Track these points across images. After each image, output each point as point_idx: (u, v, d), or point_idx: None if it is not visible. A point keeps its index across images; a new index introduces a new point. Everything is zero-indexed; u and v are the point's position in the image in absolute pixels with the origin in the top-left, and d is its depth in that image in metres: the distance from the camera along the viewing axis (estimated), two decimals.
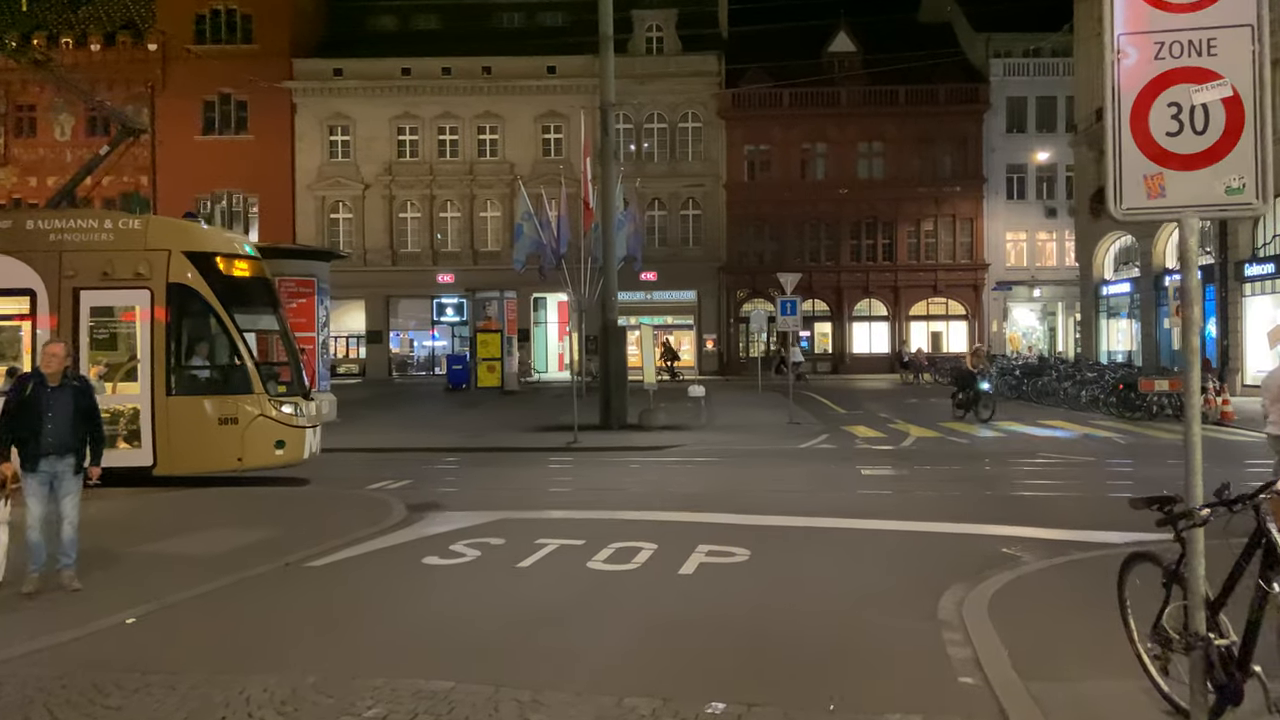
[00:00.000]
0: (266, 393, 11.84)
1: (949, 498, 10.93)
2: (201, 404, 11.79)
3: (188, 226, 12.73)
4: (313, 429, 12.48)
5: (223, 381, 12.02)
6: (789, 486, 11.94)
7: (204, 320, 11.93)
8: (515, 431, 19.21)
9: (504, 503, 10.65)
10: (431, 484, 12.28)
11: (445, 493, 11.48)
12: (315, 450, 12.57)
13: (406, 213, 44.80)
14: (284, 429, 11.92)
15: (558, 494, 11.47)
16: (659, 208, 44.74)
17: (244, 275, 12.41)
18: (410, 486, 12.02)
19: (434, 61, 44.23)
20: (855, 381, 38.89)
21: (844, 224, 44.59)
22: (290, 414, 12.02)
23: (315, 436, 12.59)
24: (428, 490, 11.68)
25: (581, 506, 10.20)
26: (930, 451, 15.84)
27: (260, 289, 12.73)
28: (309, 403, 12.53)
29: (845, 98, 44.31)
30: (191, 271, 11.72)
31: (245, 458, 11.73)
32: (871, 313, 45.44)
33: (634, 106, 44.22)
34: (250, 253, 12.72)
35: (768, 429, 19.76)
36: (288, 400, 12.12)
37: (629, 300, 44.66)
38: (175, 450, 11.56)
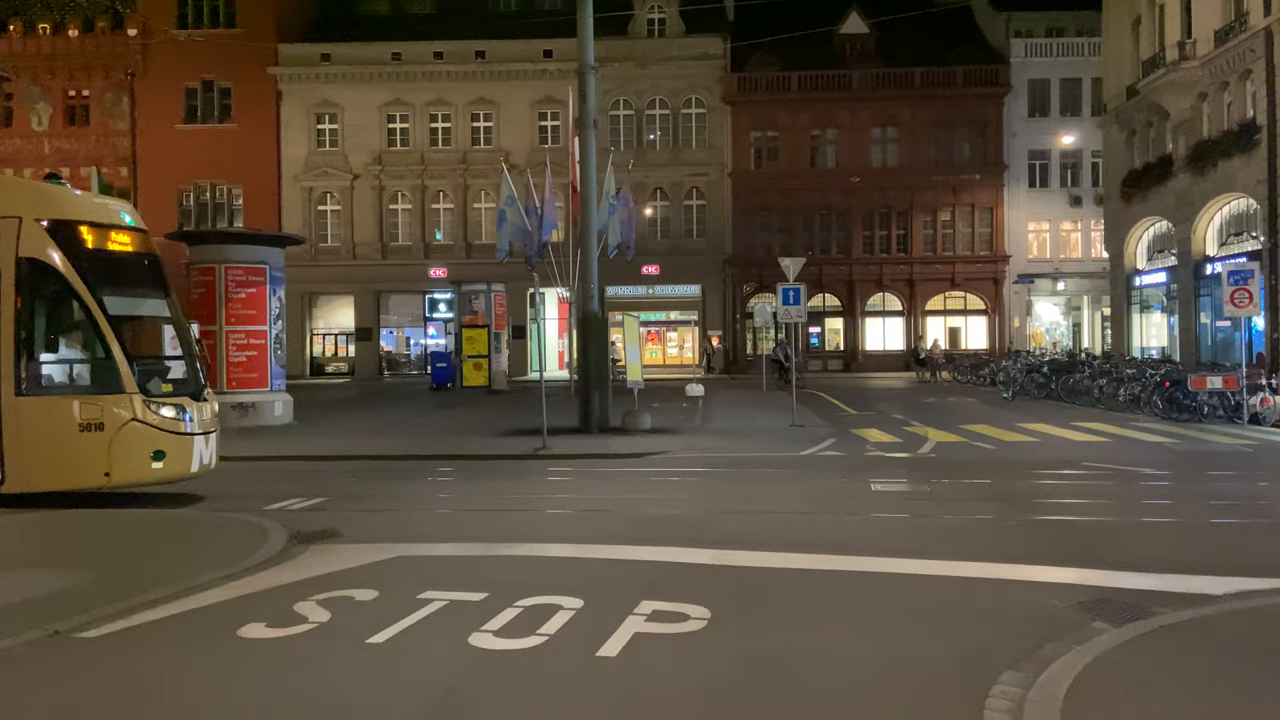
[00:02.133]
0: (143, 392, 9.73)
1: (980, 524, 8.73)
2: (59, 406, 9.64)
3: (44, 189, 10.49)
4: (204, 436, 10.36)
5: (86, 379, 9.90)
6: (781, 506, 9.75)
7: (64, 304, 9.81)
8: (482, 436, 17.09)
9: (417, 530, 8.54)
10: (347, 503, 10.17)
11: (354, 516, 9.36)
12: (208, 462, 10.43)
13: (397, 204, 42.77)
14: (163, 437, 9.82)
15: (490, 515, 9.34)
16: (661, 198, 42.57)
17: (120, 250, 10.25)
18: (317, 507, 9.91)
19: (425, 46, 42.21)
20: (868, 380, 36.60)
21: (856, 214, 42.28)
22: (172, 418, 9.92)
23: (209, 446, 10.47)
24: (335, 512, 9.57)
25: (510, 536, 8.06)
26: (953, 460, 13.62)
27: (142, 268, 10.58)
28: (200, 405, 10.42)
29: (857, 81, 42.02)
30: (49, 244, 9.58)
31: (114, 472, 9.61)
32: (885, 307, 43.10)
33: (634, 92, 42.11)
34: (130, 223, 10.48)
35: (767, 433, 17.58)
36: (170, 402, 10.01)
37: (629, 295, 42.61)
38: (27, 463, 9.48)
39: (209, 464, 10.48)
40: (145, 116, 42.41)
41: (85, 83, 42.60)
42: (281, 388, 20.17)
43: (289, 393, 20.77)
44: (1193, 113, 28.45)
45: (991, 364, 31.36)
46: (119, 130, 42.56)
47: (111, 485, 9.72)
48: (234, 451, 14.90)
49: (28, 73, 42.15)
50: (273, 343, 19.79)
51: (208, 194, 43.06)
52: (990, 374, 30.44)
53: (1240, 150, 25.90)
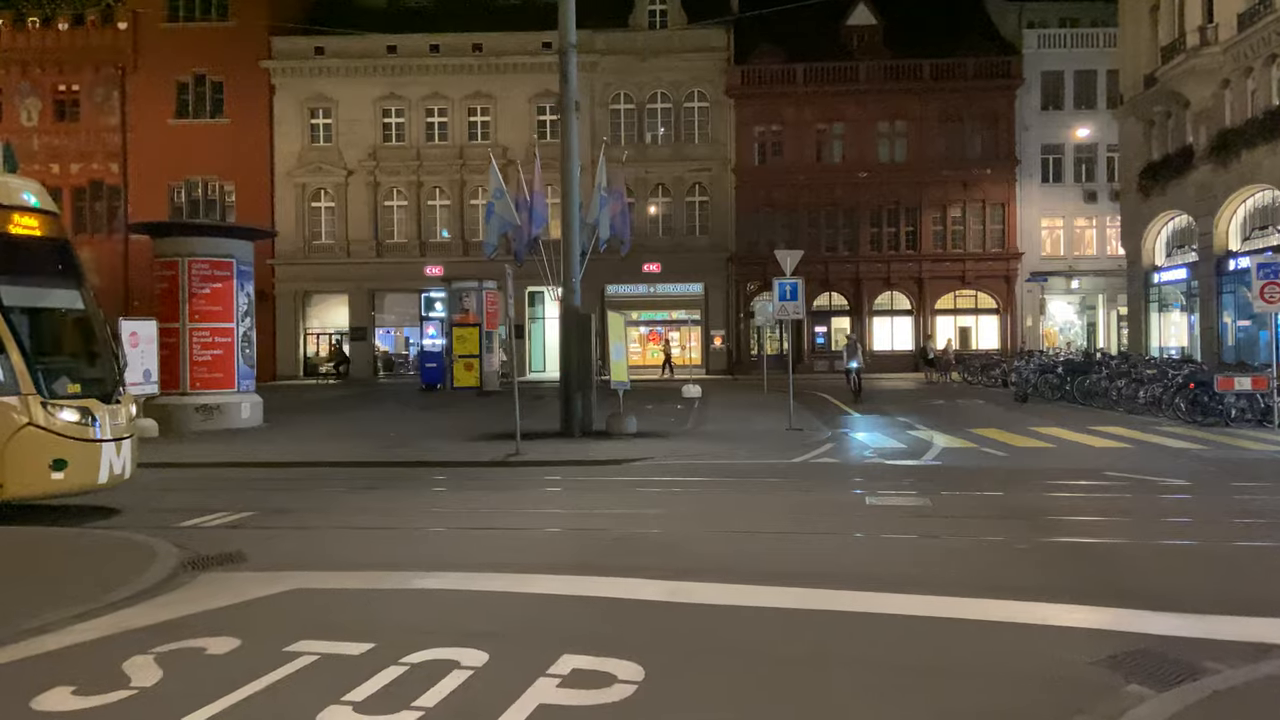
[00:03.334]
0: (40, 393, 8.64)
1: (989, 547, 7.56)
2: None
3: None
4: (116, 443, 9.21)
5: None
6: (761, 524, 8.59)
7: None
8: (456, 441, 15.97)
9: (336, 553, 7.43)
10: (272, 519, 9.05)
11: (273, 534, 8.25)
12: (121, 472, 9.27)
13: (392, 200, 41.73)
14: (65, 444, 8.69)
15: (427, 535, 8.21)
16: (663, 194, 41.41)
17: (22, 235, 9.15)
18: (236, 524, 8.80)
19: (421, 38, 41.20)
20: (875, 381, 35.33)
21: (863, 211, 41.03)
22: (75, 423, 8.81)
23: (124, 453, 9.33)
24: (253, 530, 8.46)
25: (438, 562, 6.91)
26: (961, 468, 12.43)
27: (48, 255, 9.51)
28: (111, 408, 9.27)
29: (865, 74, 40.78)
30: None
31: (7, 483, 8.49)
32: (893, 306, 41.83)
33: (635, 85, 40.97)
34: (34, 204, 9.36)
35: (761, 437, 16.41)
36: (74, 405, 8.89)
37: (630, 293, 41.50)
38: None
39: (122, 474, 9.31)
40: (136, 111, 41.50)
41: (75, 77, 41.71)
42: (249, 389, 19.11)
43: (280, 394, 19.74)
44: (1214, 101, 27.15)
45: (1003, 364, 30.11)
46: (109, 126, 41.66)
47: (5, 498, 8.56)
48: (180, 457, 13.87)
49: (16, 67, 41.29)
50: (240, 341, 18.74)
51: (200, 190, 42.12)
52: (1002, 375, 29.20)
53: (1266, 139, 24.59)
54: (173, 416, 17.80)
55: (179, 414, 17.94)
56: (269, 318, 41.80)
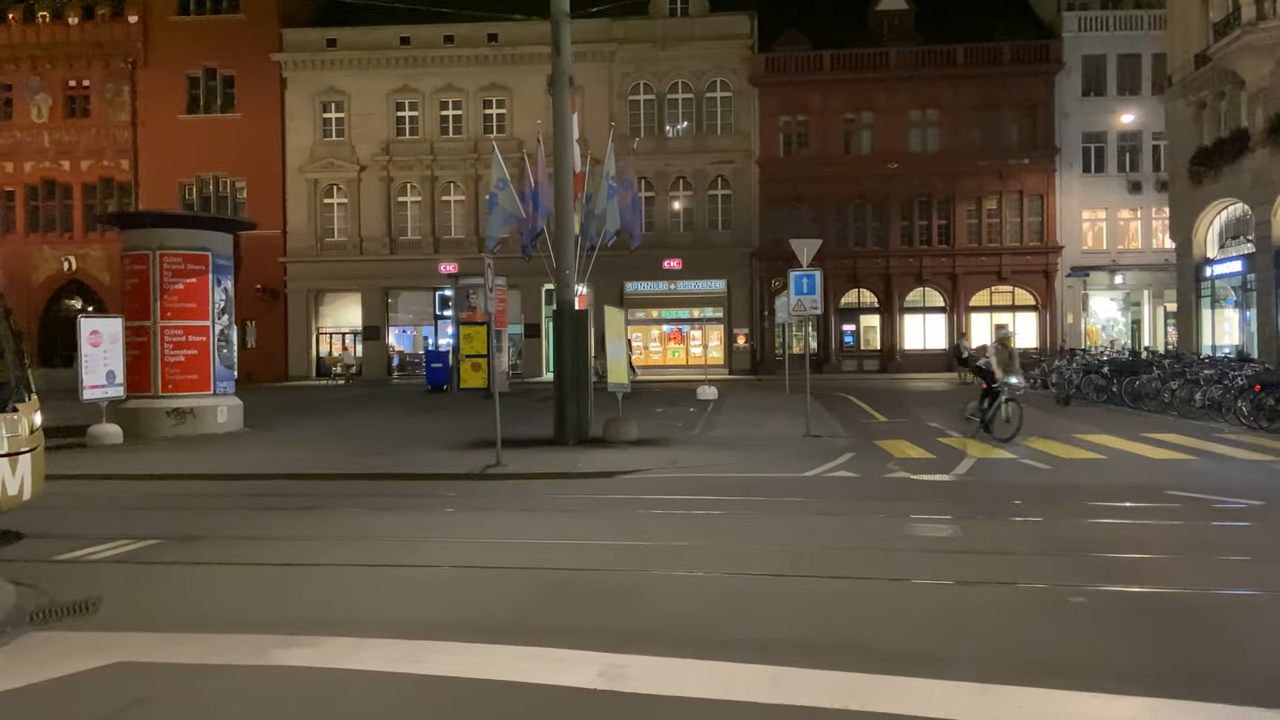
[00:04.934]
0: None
1: (1029, 599, 5.99)
2: None
3: None
4: (10, 459, 7.94)
5: None
6: (751, 562, 7.06)
7: None
8: (438, 449, 14.58)
9: (206, 603, 6.05)
10: (170, 550, 7.67)
11: (153, 574, 6.87)
12: (17, 492, 7.98)
13: (406, 196, 40.57)
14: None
15: (331, 576, 6.78)
16: (684, 187, 39.88)
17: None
18: (126, 556, 7.43)
19: (435, 29, 39.95)
20: (905, 382, 33.60)
21: (893, 203, 39.24)
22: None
23: (18, 470, 8.02)
24: (141, 565, 7.09)
25: (313, 620, 5.46)
26: (995, 485, 10.82)
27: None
28: (4, 417, 7.98)
29: (895, 60, 38.99)
30: None
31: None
32: (925, 303, 39.99)
33: (655, 75, 39.47)
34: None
35: (774, 445, 14.87)
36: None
37: (650, 291, 40.01)
38: None
39: (19, 494, 8.01)
40: (146, 106, 40.70)
41: (85, 72, 40.99)
42: (227, 391, 17.85)
43: (284, 395, 18.48)
44: (1272, 79, 25.16)
45: (1043, 364, 28.25)
46: (120, 121, 40.88)
47: None
48: (124, 468, 12.60)
49: (27, 62, 40.64)
50: (216, 340, 17.48)
51: (211, 187, 41.23)
52: (1041, 375, 27.35)
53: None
54: (142, 421, 16.59)
55: (149, 418, 16.73)
56: (281, 317, 40.90)
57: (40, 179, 40.72)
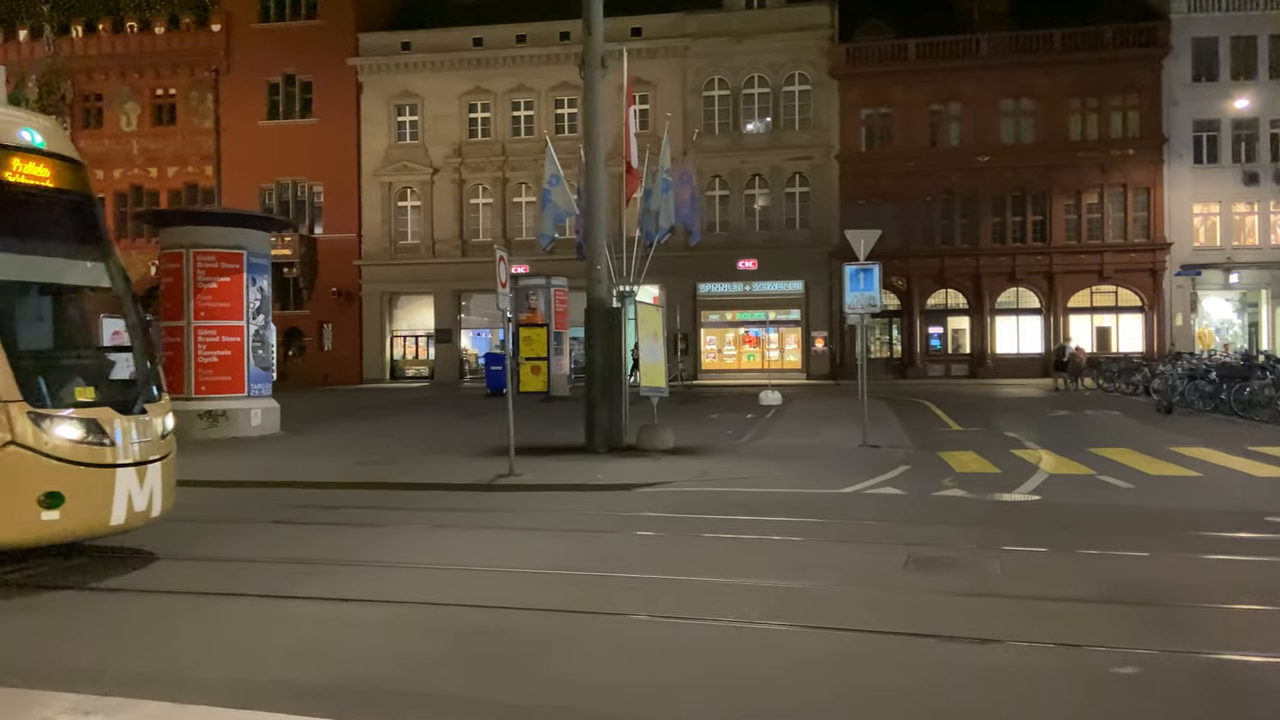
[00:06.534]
0: (30, 399, 6.32)
1: (1076, 668, 4.65)
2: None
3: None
4: (138, 468, 6.75)
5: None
6: (725, 604, 5.80)
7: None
8: (457, 456, 13.70)
9: (59, 646, 5.18)
10: (109, 573, 6.89)
11: (61, 605, 6.05)
12: (145, 508, 6.79)
13: (478, 198, 40.23)
14: (61, 470, 6.32)
15: (233, 612, 5.86)
16: (759, 185, 38.49)
17: (21, 185, 6.83)
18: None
19: (508, 29, 39.60)
20: (995, 388, 31.53)
21: (984, 199, 37.06)
22: (77, 440, 6.44)
23: (147, 482, 6.82)
24: (66, 593, 6.29)
25: (152, 678, 4.53)
26: (1063, 506, 9.33)
27: (57, 213, 7.19)
28: (135, 420, 6.84)
29: (986, 46, 36.87)
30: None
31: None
32: (1019, 305, 37.67)
33: (730, 69, 38.21)
34: (38, 144, 6.98)
35: (825, 455, 13.54)
36: (77, 416, 6.52)
37: (724, 293, 38.72)
38: None
39: (148, 510, 6.82)
40: (229, 113, 41.39)
41: (171, 81, 41.91)
42: (263, 393, 17.37)
43: (349, 397, 18.02)
44: None
45: (1145, 369, 25.99)
46: (203, 128, 41.65)
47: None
48: None
49: (116, 72, 41.77)
50: (251, 341, 17.01)
51: (289, 191, 41.68)
52: (1144, 381, 25.14)
53: None
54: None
55: (180, 421, 16.21)
56: (356, 320, 41.04)
57: (129, 186, 41.77)
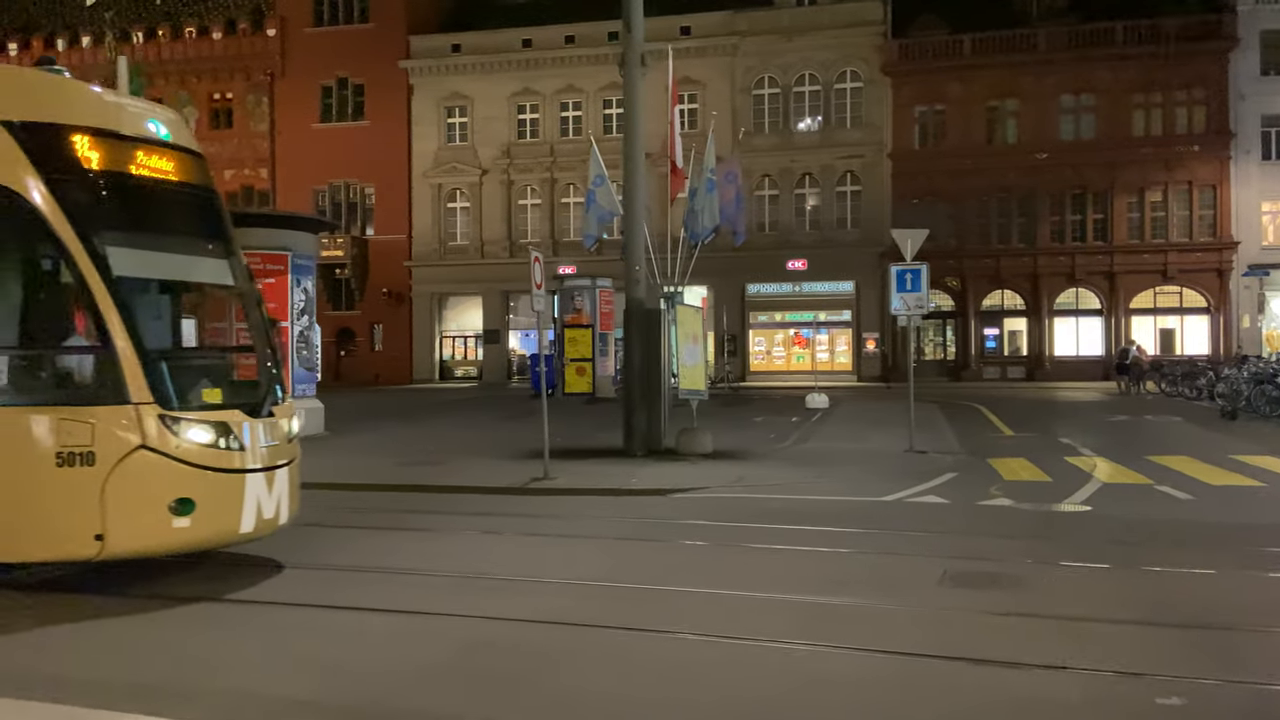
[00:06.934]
0: (160, 402, 6.04)
1: (1110, 697, 4.31)
2: (24, 423, 5.96)
3: (22, 76, 6.96)
4: (267, 474, 6.45)
5: (70, 380, 6.29)
6: (733, 623, 5.52)
7: (41, 259, 6.27)
8: (493, 459, 13.57)
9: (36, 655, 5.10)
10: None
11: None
12: (274, 515, 6.52)
13: (526, 199, 40.29)
14: (191, 475, 6.06)
15: (240, 618, 5.74)
16: (809, 184, 37.96)
17: (146, 178, 6.57)
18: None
19: (556, 30, 39.57)
20: (1053, 391, 30.66)
21: (1042, 197, 36.11)
22: (206, 444, 6.16)
23: (276, 488, 6.52)
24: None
25: (153, 688, 4.42)
26: (1114, 518, 8.88)
27: (183, 208, 6.96)
28: (263, 422, 6.57)
29: (1044, 41, 35.92)
30: (20, 161, 6.06)
31: (111, 533, 5.85)
32: (1079, 306, 36.64)
33: (780, 67, 37.74)
34: (164, 137, 6.74)
35: (868, 461, 13.18)
36: (206, 419, 6.26)
37: (773, 293, 38.27)
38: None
39: (275, 517, 6.53)
40: (283, 116, 42.02)
41: (228, 85, 42.69)
42: (307, 393, 17.45)
43: (397, 397, 18.08)
44: None
45: (1210, 372, 25.01)
46: (259, 132, 42.34)
47: (106, 555, 5.94)
48: None
49: (175, 77, 42.61)
50: (295, 341, 17.11)
51: (342, 193, 42.17)
52: (1208, 385, 24.19)
53: None
54: None
55: None
56: (406, 320, 41.38)
57: None
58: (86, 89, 7.00)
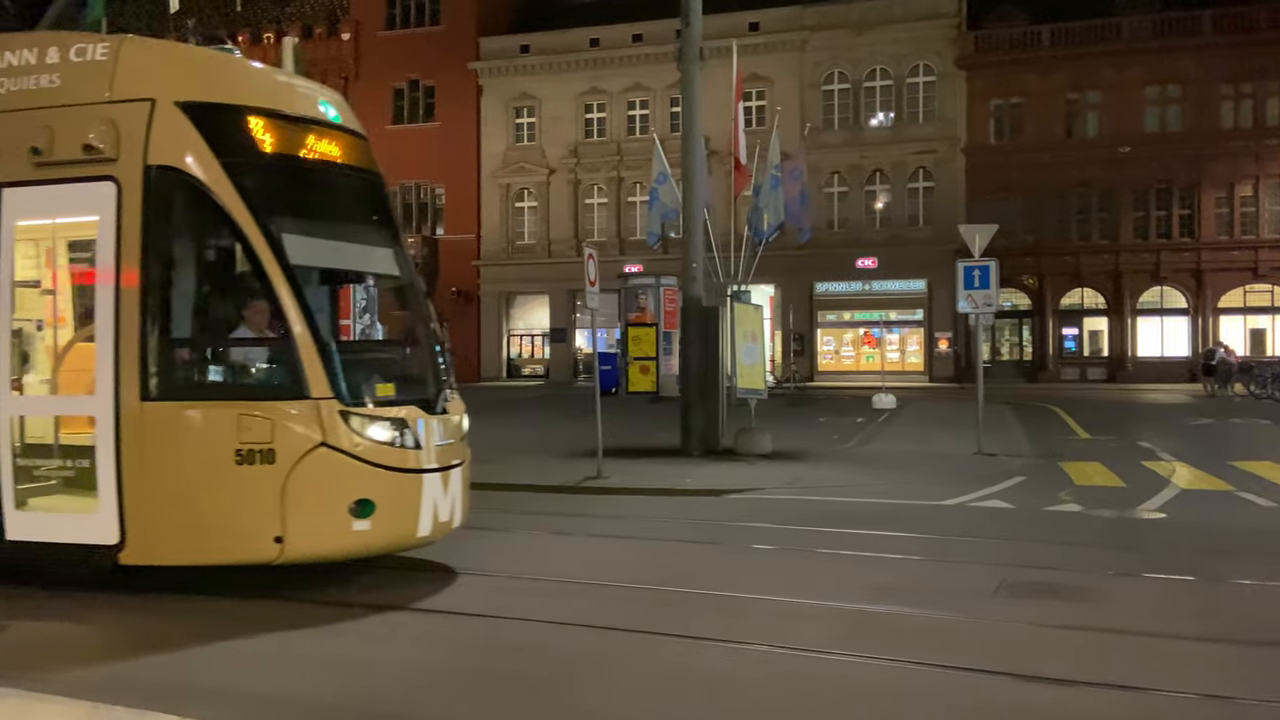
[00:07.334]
0: (339, 396, 5.73)
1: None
2: (206, 419, 5.72)
3: (196, 55, 6.42)
4: (442, 474, 6.11)
5: (249, 374, 6.06)
6: (774, 631, 5.33)
7: (218, 248, 6.09)
8: (546, 458, 13.50)
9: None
10: None
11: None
12: (449, 518, 6.20)
13: (593, 198, 40.36)
14: (372, 475, 5.76)
15: (277, 615, 5.72)
16: (880, 181, 37.23)
17: (318, 162, 6.32)
18: None
19: (624, 29, 39.53)
20: (1135, 393, 29.54)
21: (1124, 192, 34.84)
22: (386, 442, 5.85)
23: (451, 489, 6.18)
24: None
25: (156, 684, 4.38)
26: (1191, 526, 8.41)
27: (352, 194, 6.70)
28: (438, 419, 6.21)
29: (1127, 30, 34.66)
30: (197, 146, 5.77)
31: (290, 535, 5.58)
32: (1164, 305, 35.27)
33: (850, 62, 37.10)
34: (334, 119, 6.51)
35: (932, 463, 12.78)
36: (385, 414, 5.93)
37: (842, 292, 37.63)
38: (155, 515, 5.64)
39: (450, 520, 6.20)
40: (358, 118, 42.51)
41: None
42: None
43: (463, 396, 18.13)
44: None
45: None
46: None
47: (285, 558, 5.65)
48: None
49: None
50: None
51: (413, 194, 42.74)
52: None
53: None
54: None
55: None
56: (474, 319, 41.79)
57: None
58: (260, 68, 6.79)
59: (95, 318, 5.80)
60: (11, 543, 5.81)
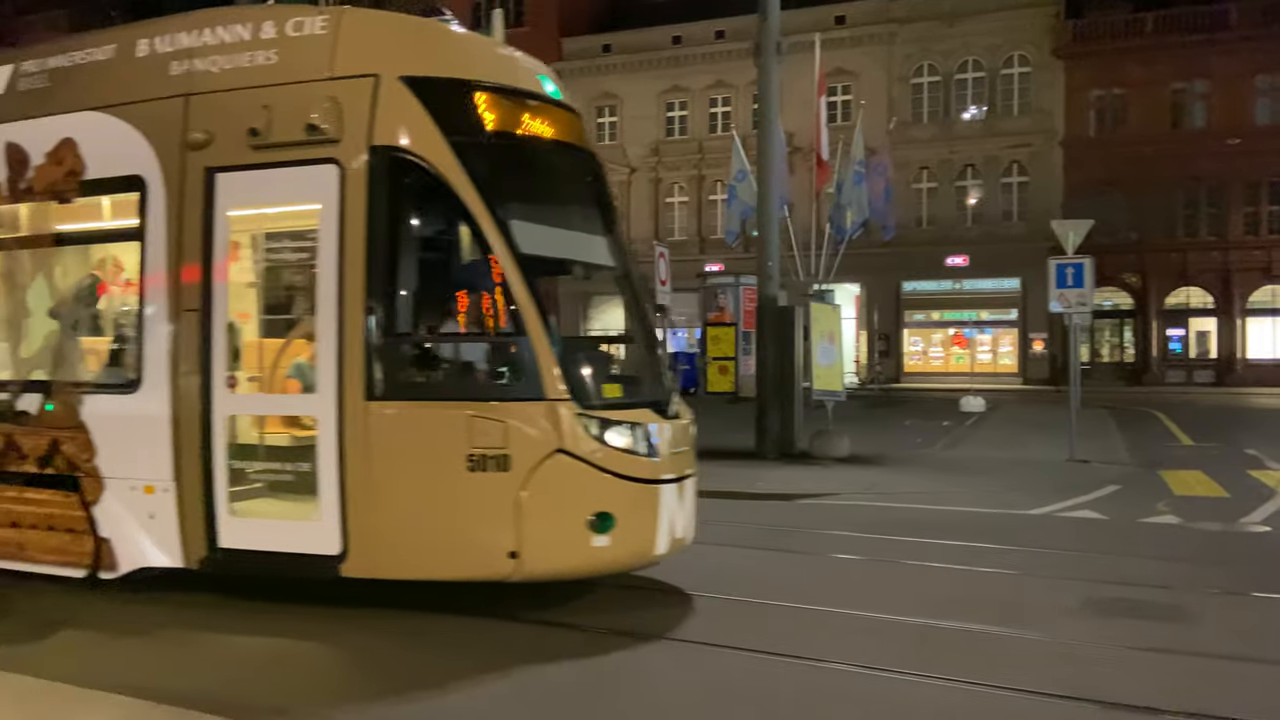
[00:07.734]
0: (575, 398, 5.23)
1: None
2: (434, 421, 5.23)
3: (420, 26, 5.85)
4: (677, 484, 5.56)
5: (481, 372, 5.57)
6: (833, 645, 5.01)
7: (447, 236, 5.69)
8: None
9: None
10: None
11: None
12: (683, 535, 5.66)
13: (673, 197, 40.15)
14: (611, 486, 5.25)
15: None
16: (971, 176, 36.10)
17: (542, 141, 5.80)
18: None
19: (706, 25, 39.21)
20: (1245, 397, 27.98)
21: (1234, 186, 33.08)
22: (625, 448, 5.32)
23: (685, 501, 5.64)
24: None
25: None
26: None
27: (573, 176, 6.16)
28: (670, 423, 5.64)
29: (1237, 16, 32.90)
30: (426, 125, 5.34)
31: (526, 550, 5.09)
32: (1276, 304, 33.38)
33: (941, 54, 36.07)
34: (554, 94, 5.98)
35: (1021, 470, 12.21)
36: (623, 417, 5.39)
37: (931, 291, 36.62)
38: (384, 526, 5.19)
39: (684, 537, 5.67)
40: None
41: None
42: None
43: None
44: None
45: None
46: None
47: (521, 575, 5.17)
48: None
49: None
50: None
51: None
52: None
53: None
54: None
55: None
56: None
57: None
58: (484, 41, 6.39)
59: (316, 312, 5.33)
60: (225, 550, 5.40)
